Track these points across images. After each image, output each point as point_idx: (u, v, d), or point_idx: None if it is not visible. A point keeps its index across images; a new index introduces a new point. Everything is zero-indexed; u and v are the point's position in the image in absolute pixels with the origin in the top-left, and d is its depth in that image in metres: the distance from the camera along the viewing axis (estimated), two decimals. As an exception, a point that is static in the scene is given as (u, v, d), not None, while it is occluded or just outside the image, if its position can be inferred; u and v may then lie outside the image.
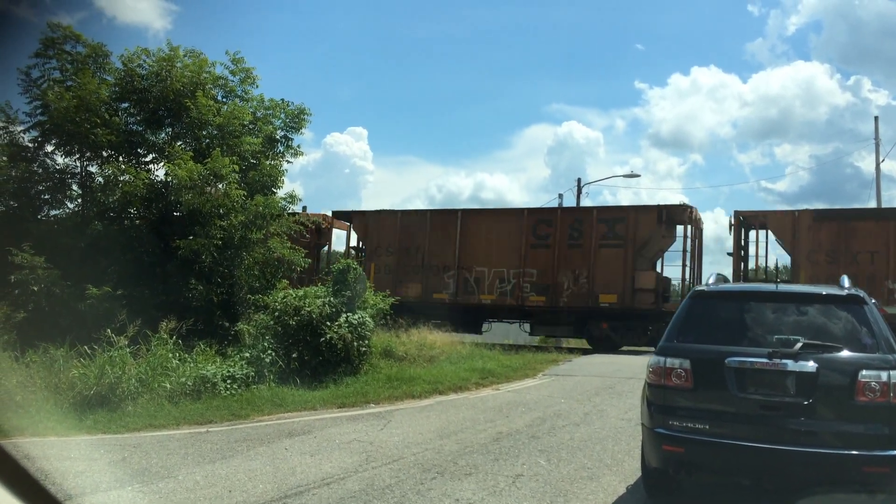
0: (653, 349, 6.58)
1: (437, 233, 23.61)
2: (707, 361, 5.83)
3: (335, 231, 26.38)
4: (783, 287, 6.59)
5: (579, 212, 24.10)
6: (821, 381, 5.46)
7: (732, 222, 22.00)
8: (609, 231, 22.02)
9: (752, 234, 22.48)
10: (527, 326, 23.20)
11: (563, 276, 22.21)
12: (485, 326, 23.50)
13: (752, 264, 22.22)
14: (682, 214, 22.03)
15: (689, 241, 22.06)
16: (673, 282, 23.17)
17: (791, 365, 5.52)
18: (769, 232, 21.90)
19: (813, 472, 5.42)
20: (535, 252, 22.61)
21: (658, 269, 22.46)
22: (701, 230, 23.31)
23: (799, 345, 5.58)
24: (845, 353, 5.58)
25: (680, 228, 22.40)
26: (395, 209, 25.60)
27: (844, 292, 6.09)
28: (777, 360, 5.56)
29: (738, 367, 5.68)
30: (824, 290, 6.36)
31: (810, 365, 5.47)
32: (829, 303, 6.09)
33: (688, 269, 22.03)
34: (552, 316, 22.62)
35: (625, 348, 22.27)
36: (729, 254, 22.34)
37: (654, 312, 21.24)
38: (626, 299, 21.54)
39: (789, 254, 21.12)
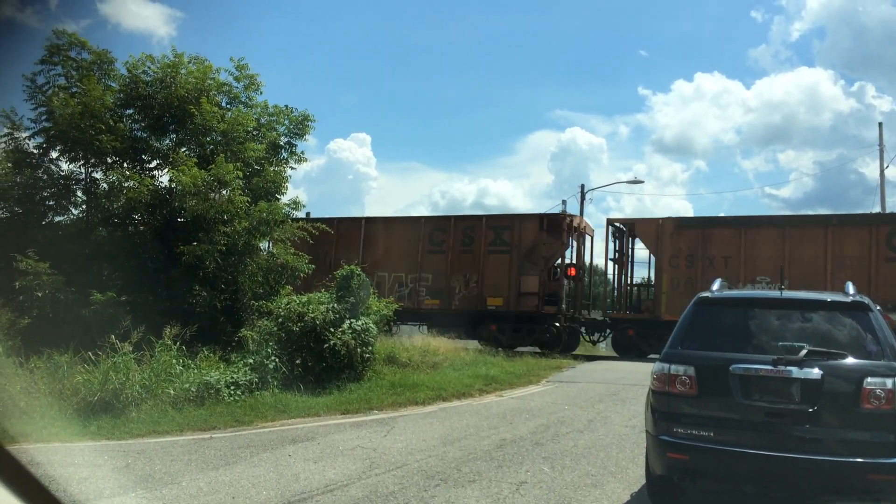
0: (535, 349, 6.62)
1: (344, 240, 24.68)
2: (711, 368, 5.82)
3: None
4: (788, 293, 6.58)
5: (471, 219, 25.05)
6: (826, 388, 5.44)
7: (611, 230, 24.22)
8: (497, 238, 23.60)
9: (631, 240, 24.45)
10: (424, 328, 23.96)
11: (456, 281, 23.69)
12: (394, 328, 23.96)
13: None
14: (561, 223, 23.40)
15: (571, 248, 24.03)
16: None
17: (796, 372, 5.50)
18: (637, 238, 23.83)
19: (818, 480, 5.41)
20: (430, 258, 24.00)
21: (556, 275, 23.87)
22: (584, 237, 24.73)
23: (804, 352, 5.57)
24: (850, 360, 5.57)
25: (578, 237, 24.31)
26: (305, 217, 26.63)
27: (849, 299, 6.07)
28: (782, 367, 5.55)
29: (742, 374, 5.67)
30: (829, 296, 6.35)
31: (815, 372, 5.46)
32: (834, 309, 6.08)
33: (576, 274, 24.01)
34: (445, 318, 23.52)
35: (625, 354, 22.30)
36: (612, 259, 24.26)
37: (538, 315, 22.73)
38: (511, 303, 23.00)
39: (654, 258, 22.92)
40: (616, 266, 24.36)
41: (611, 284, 25.53)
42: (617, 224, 24.14)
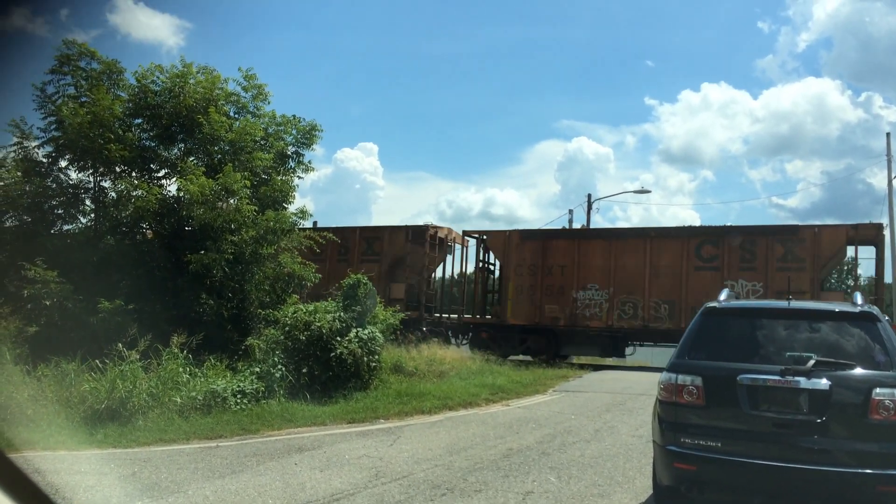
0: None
1: None
2: (719, 378, 5.80)
3: None
4: (795, 303, 6.56)
5: (346, 231, 26.13)
6: (834, 398, 5.42)
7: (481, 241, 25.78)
8: (368, 248, 25.68)
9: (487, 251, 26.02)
10: None
11: (332, 289, 24.13)
12: None
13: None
14: (424, 234, 25.26)
15: (437, 258, 25.73)
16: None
17: (804, 382, 5.48)
18: (489, 248, 25.35)
19: (826, 492, 5.38)
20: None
21: (430, 284, 26.02)
22: (454, 247, 26.64)
23: (812, 362, 5.55)
24: (859, 371, 5.55)
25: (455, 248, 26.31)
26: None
27: (857, 309, 6.05)
28: (790, 378, 5.53)
29: (750, 384, 5.65)
30: (837, 306, 6.33)
31: (823, 382, 5.43)
32: (842, 320, 6.06)
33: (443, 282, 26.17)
34: None
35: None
36: (480, 267, 25.54)
37: (404, 320, 23.70)
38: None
39: (502, 266, 24.58)
40: (482, 274, 25.76)
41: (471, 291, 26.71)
42: (474, 236, 25.85)
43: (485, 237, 25.38)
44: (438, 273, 27.99)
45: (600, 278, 22.43)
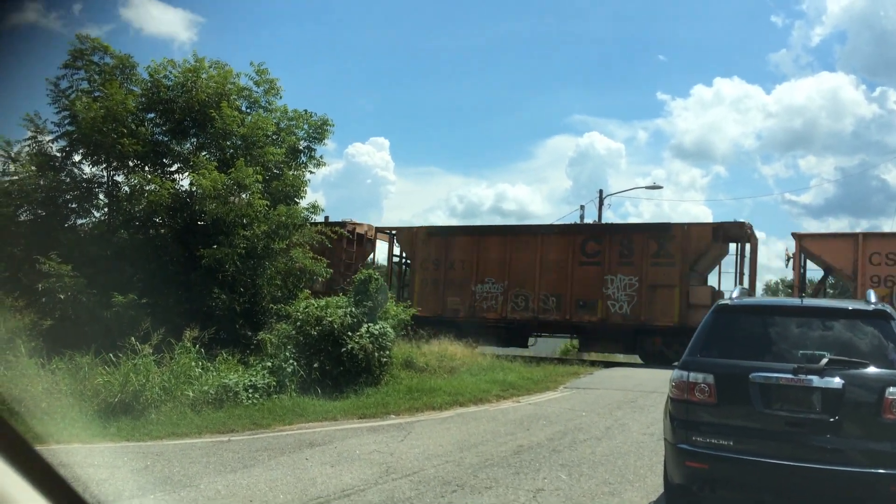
0: None
1: None
2: (731, 376, 5.77)
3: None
4: (808, 301, 6.53)
5: None
6: (847, 397, 5.39)
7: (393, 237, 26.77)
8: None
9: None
10: None
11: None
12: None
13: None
14: (341, 228, 26.41)
15: (355, 253, 25.98)
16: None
17: (817, 381, 5.45)
18: (399, 244, 26.36)
19: (839, 491, 5.35)
20: None
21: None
22: (373, 242, 27.08)
23: (825, 360, 5.52)
24: (872, 370, 5.51)
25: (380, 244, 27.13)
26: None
27: (871, 307, 6.01)
28: (802, 376, 5.49)
29: (762, 382, 5.62)
30: (850, 304, 6.29)
31: (836, 381, 5.40)
32: (855, 318, 6.02)
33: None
34: None
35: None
36: (397, 263, 26.72)
37: None
38: None
39: (410, 261, 25.63)
40: (398, 269, 26.83)
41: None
42: (387, 232, 26.86)
43: (394, 232, 26.47)
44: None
45: (497, 273, 23.58)
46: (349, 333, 13.29)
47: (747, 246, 22.81)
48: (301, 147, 17.56)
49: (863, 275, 20.91)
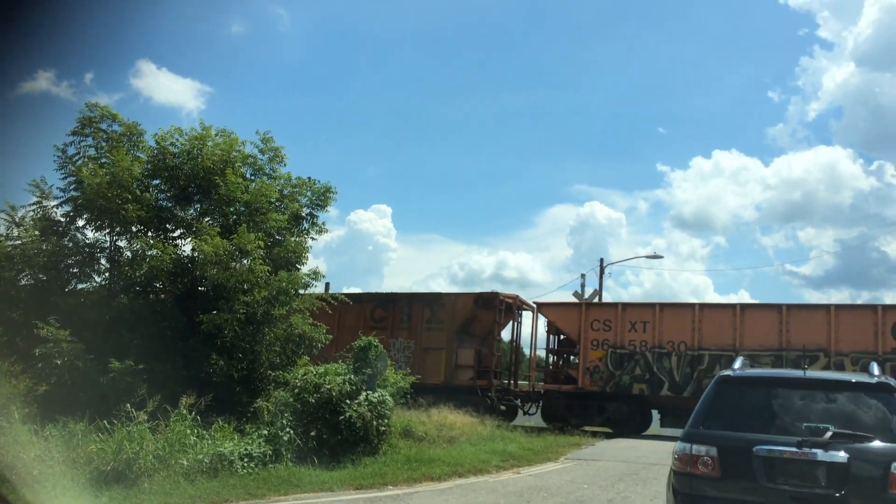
0: None
1: None
2: (734, 449, 5.69)
3: None
4: (811, 373, 6.48)
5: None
6: (853, 472, 5.30)
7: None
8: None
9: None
10: None
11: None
12: None
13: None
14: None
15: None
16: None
17: (821, 455, 5.38)
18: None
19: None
20: None
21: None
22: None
23: (829, 434, 5.45)
24: (877, 444, 5.43)
25: None
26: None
27: (874, 380, 5.97)
28: (807, 450, 5.42)
29: (766, 455, 5.54)
30: (854, 377, 6.25)
31: (841, 455, 5.32)
32: (859, 390, 5.97)
33: None
34: None
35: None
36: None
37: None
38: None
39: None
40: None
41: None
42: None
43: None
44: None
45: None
46: (347, 401, 13.15)
47: (526, 314, 26.38)
48: (303, 214, 17.65)
49: (585, 339, 23.57)
